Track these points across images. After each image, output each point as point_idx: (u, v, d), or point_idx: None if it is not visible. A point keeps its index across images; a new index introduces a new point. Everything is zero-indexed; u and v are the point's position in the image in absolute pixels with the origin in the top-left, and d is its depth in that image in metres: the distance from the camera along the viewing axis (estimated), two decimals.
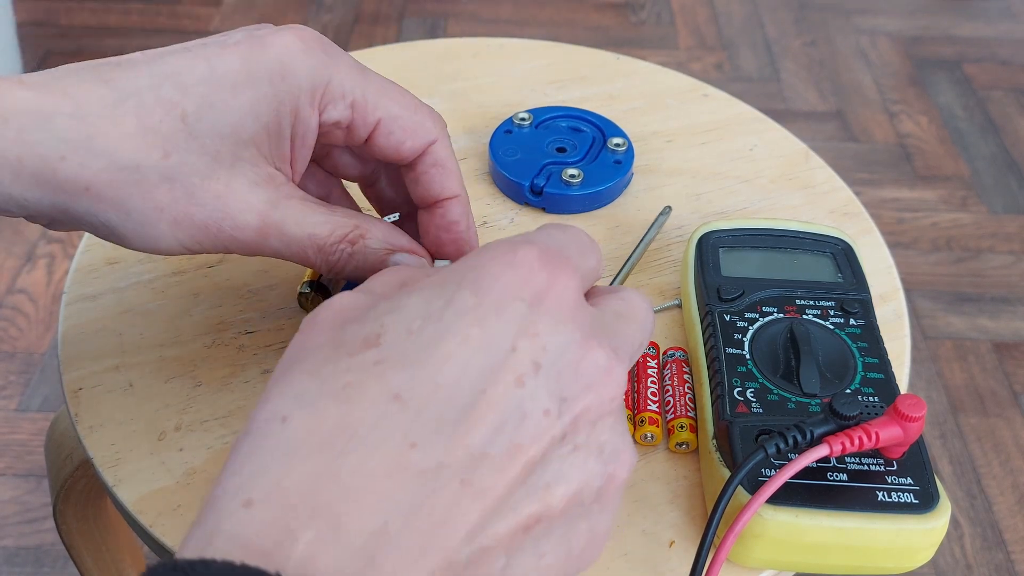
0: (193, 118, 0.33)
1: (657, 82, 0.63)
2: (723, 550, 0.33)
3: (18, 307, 1.24)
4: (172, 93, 0.33)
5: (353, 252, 0.36)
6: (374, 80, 0.36)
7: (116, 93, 0.32)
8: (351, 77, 0.35)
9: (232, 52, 0.34)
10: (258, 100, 0.33)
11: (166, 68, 0.33)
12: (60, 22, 1.75)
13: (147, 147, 0.32)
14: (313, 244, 0.36)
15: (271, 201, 0.35)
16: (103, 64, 0.33)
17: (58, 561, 0.98)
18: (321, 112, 0.35)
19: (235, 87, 0.33)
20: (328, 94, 0.35)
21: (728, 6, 1.88)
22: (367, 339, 0.24)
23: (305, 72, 0.34)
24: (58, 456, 0.49)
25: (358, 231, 0.36)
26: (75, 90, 0.32)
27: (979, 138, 1.57)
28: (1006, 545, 1.03)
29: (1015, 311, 1.29)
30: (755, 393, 0.39)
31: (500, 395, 0.23)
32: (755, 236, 0.46)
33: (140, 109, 0.32)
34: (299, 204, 0.35)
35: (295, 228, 0.35)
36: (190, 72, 0.33)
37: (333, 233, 0.36)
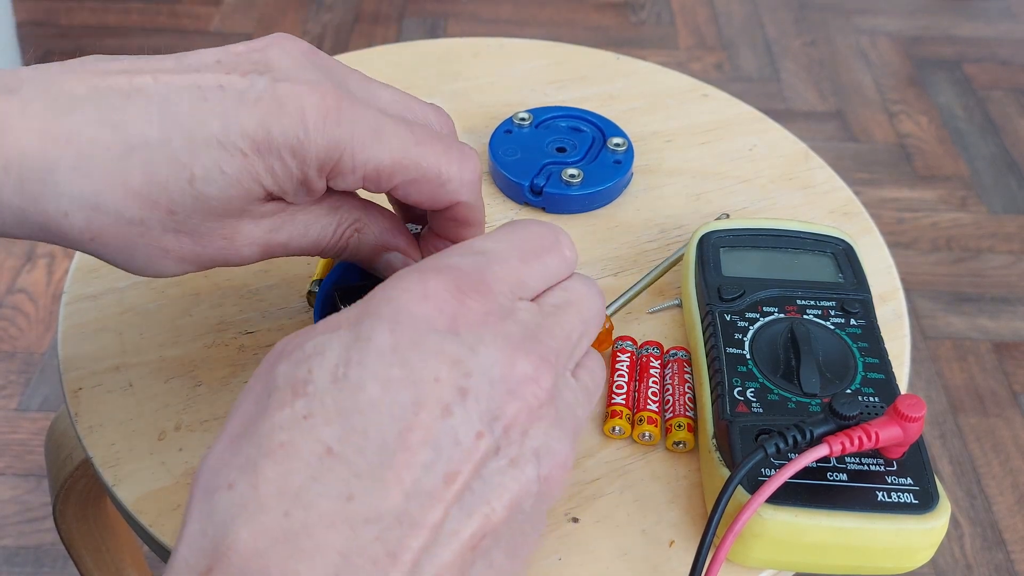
0: (201, 183, 0.32)
1: (657, 82, 0.63)
2: (723, 550, 0.33)
3: (18, 307, 1.24)
4: (181, 152, 0.31)
5: (348, 245, 0.37)
6: (394, 142, 0.33)
7: (123, 144, 0.31)
8: (365, 149, 0.33)
9: (252, 113, 0.31)
10: (269, 169, 0.32)
11: (179, 117, 0.31)
12: (60, 22, 1.75)
13: (153, 205, 0.32)
14: (317, 247, 0.36)
15: (275, 226, 0.35)
16: (112, 93, 0.31)
17: (58, 561, 0.98)
18: (332, 182, 0.34)
19: (246, 155, 0.32)
20: (339, 167, 0.33)
21: (728, 6, 1.88)
22: (295, 386, 0.25)
23: (318, 149, 0.32)
24: (58, 456, 0.49)
25: (356, 226, 0.37)
26: (79, 136, 0.30)
27: (979, 138, 1.57)
28: (1006, 545, 1.03)
29: (1015, 311, 1.29)
30: (755, 393, 0.39)
31: (428, 430, 0.24)
32: (755, 236, 0.46)
33: (148, 166, 0.31)
34: (303, 218, 0.35)
35: (300, 241, 0.36)
36: (203, 128, 0.31)
37: (334, 234, 0.36)
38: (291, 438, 0.24)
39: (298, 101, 0.32)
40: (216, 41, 1.70)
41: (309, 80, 0.33)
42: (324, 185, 0.34)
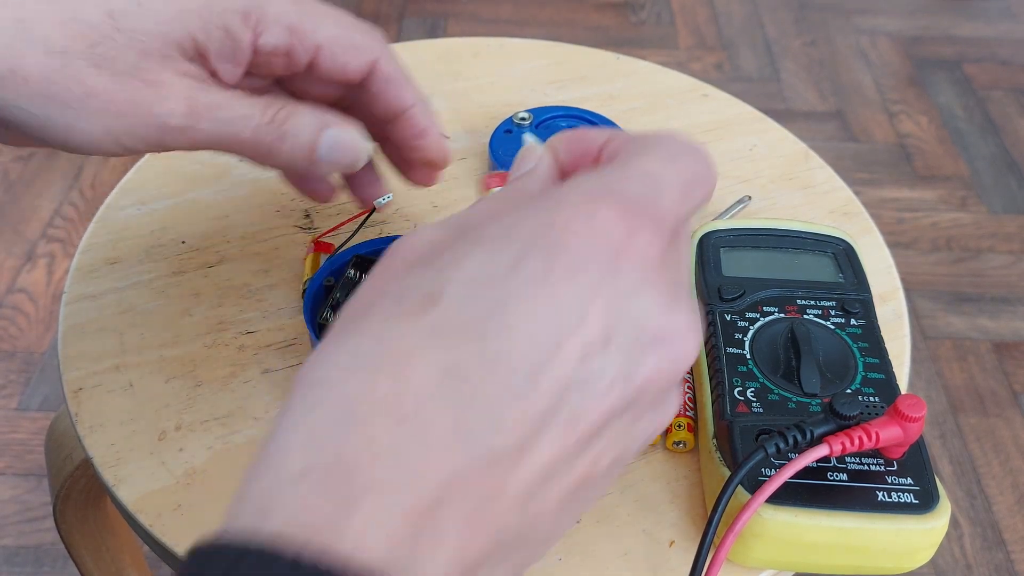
0: (119, 14, 0.33)
1: (657, 82, 0.63)
2: (723, 550, 0.33)
3: (18, 306, 1.24)
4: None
5: (285, 130, 0.36)
6: (309, 5, 0.37)
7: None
8: (286, 2, 0.36)
9: None
10: (186, 9, 0.34)
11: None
12: None
13: (75, 36, 0.32)
14: (248, 125, 0.35)
15: (199, 87, 0.35)
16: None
17: (58, 561, 0.98)
18: (258, 36, 0.35)
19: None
20: (263, 18, 0.35)
21: (728, 6, 1.88)
22: (428, 297, 0.23)
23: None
24: (58, 456, 0.49)
25: (287, 108, 0.36)
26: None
27: (979, 138, 1.57)
28: (1006, 545, 1.03)
29: (1015, 311, 1.29)
30: (755, 393, 0.39)
31: (562, 372, 0.22)
32: (756, 236, 0.46)
33: (70, 5, 0.33)
34: (226, 92, 0.36)
35: (225, 109, 0.35)
36: None
37: (265, 111, 0.36)
38: (415, 347, 0.22)
39: None
40: None
41: None
42: (248, 39, 0.35)
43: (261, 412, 0.41)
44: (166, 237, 0.49)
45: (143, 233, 0.50)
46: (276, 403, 0.42)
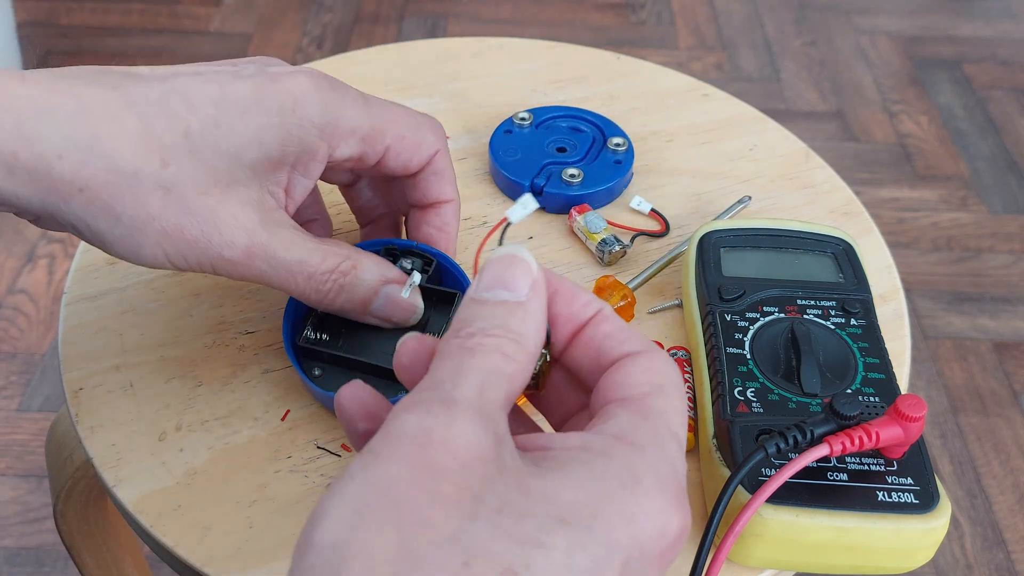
0: (197, 135, 0.33)
1: (657, 82, 0.63)
2: (723, 550, 0.33)
3: (19, 307, 1.24)
4: (180, 108, 0.33)
5: (344, 283, 0.36)
6: (378, 108, 0.37)
7: (123, 99, 0.32)
8: (358, 111, 0.36)
9: (245, 82, 0.34)
10: (265, 128, 0.34)
11: (177, 85, 0.33)
12: (60, 22, 1.75)
13: (147, 154, 0.32)
14: (303, 271, 0.35)
15: (262, 223, 0.34)
16: (112, 71, 0.33)
17: (59, 561, 0.98)
18: (334, 150, 0.36)
19: (244, 113, 0.33)
20: (339, 130, 0.35)
21: (728, 6, 1.88)
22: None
23: (315, 109, 0.35)
24: (59, 456, 0.49)
25: (350, 261, 0.37)
26: (80, 90, 0.32)
27: (979, 138, 1.57)
28: (1006, 545, 1.03)
29: (1015, 311, 1.29)
30: (755, 393, 0.39)
31: None
32: (756, 236, 0.46)
33: (145, 118, 0.32)
34: (289, 231, 0.35)
35: (284, 252, 0.35)
36: (200, 93, 0.33)
37: (325, 261, 0.36)
38: None
39: (293, 77, 0.35)
40: (216, 41, 1.70)
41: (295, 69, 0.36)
42: (325, 153, 0.35)
43: (261, 412, 0.41)
44: None
45: None
46: (276, 403, 0.42)
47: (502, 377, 0.25)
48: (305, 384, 0.40)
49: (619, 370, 0.27)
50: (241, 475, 0.39)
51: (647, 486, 0.24)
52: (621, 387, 0.27)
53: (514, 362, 0.25)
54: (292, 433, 0.41)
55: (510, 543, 0.21)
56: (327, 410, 0.42)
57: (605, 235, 0.49)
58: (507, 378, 0.25)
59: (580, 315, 0.28)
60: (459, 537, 0.21)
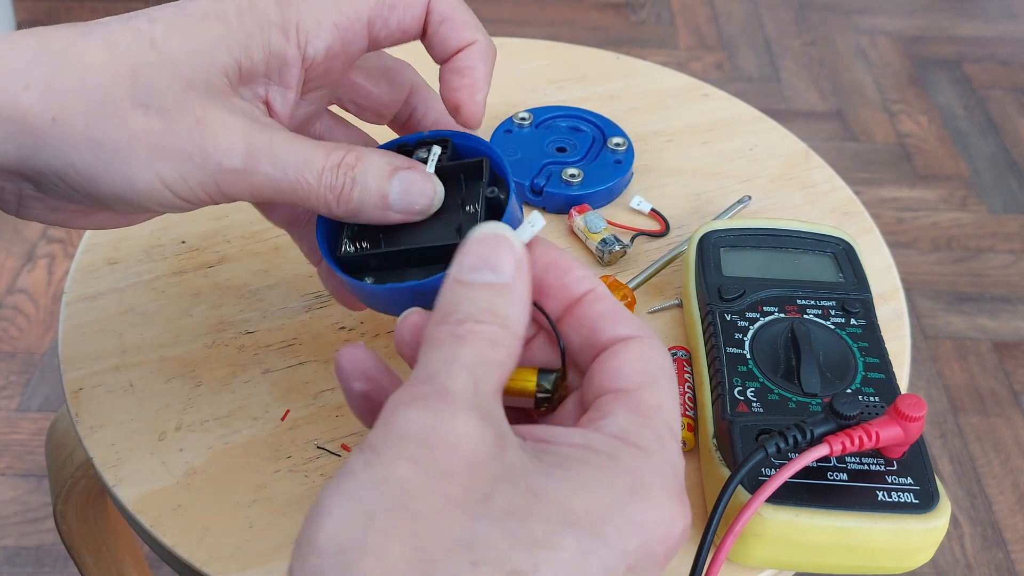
0: (163, 41, 0.30)
1: (657, 82, 0.63)
2: (723, 550, 0.33)
3: (18, 307, 1.24)
4: (140, 22, 0.31)
5: (356, 176, 0.32)
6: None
7: (83, 28, 0.31)
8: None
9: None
10: (227, 32, 0.31)
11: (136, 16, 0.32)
12: (60, 21, 1.75)
13: (115, 69, 0.30)
14: (312, 168, 0.32)
15: (255, 126, 0.31)
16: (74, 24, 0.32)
17: (59, 561, 0.98)
18: (304, 47, 0.32)
19: (205, 18, 0.31)
20: (302, 23, 0.32)
21: (728, 6, 1.88)
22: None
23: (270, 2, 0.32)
24: (58, 456, 0.49)
25: (354, 153, 0.32)
26: (39, 31, 0.30)
27: (979, 138, 1.57)
28: (1006, 544, 1.03)
29: (1015, 311, 1.29)
30: (755, 392, 0.39)
31: None
32: (756, 236, 0.46)
33: (108, 38, 0.30)
34: (284, 131, 0.32)
35: (287, 149, 0.31)
36: (161, 9, 0.31)
37: (330, 155, 0.32)
38: None
39: None
40: None
41: None
42: (296, 54, 0.32)
43: (261, 412, 0.41)
44: (166, 237, 0.49)
45: (143, 233, 0.50)
46: (276, 403, 0.42)
47: (492, 365, 0.25)
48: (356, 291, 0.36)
49: (613, 358, 0.27)
50: (241, 475, 0.39)
51: (653, 490, 0.24)
52: (616, 377, 0.27)
53: (502, 347, 0.25)
54: (292, 433, 0.41)
55: (518, 545, 0.21)
56: (327, 407, 0.42)
57: (605, 235, 0.49)
58: (497, 365, 0.25)
59: (574, 289, 0.28)
60: (467, 539, 0.21)
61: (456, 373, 0.24)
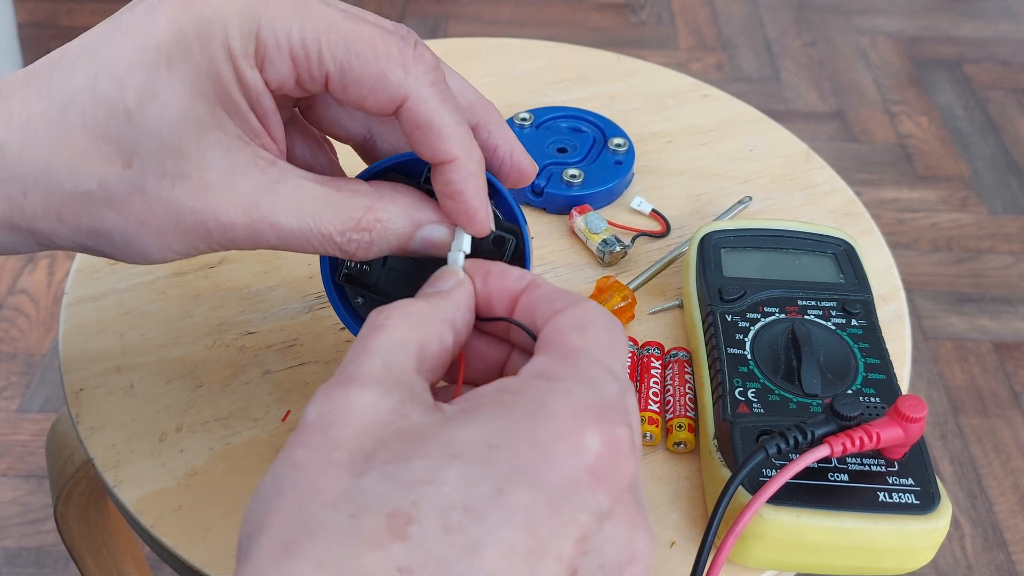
0: (139, 115, 0.28)
1: (657, 82, 0.63)
2: (724, 551, 0.33)
3: (19, 308, 1.24)
4: (109, 88, 0.28)
5: (372, 240, 0.31)
6: (317, 14, 0.28)
7: (56, 104, 0.29)
8: (284, 19, 0.28)
9: (159, 19, 0.28)
10: (196, 74, 0.28)
11: (100, 56, 0.29)
12: (61, 23, 1.75)
13: (105, 160, 0.29)
14: (318, 235, 0.30)
15: (256, 191, 0.30)
16: (42, 65, 0.30)
17: (59, 562, 0.98)
18: (262, 71, 0.29)
19: (170, 64, 0.28)
20: (261, 45, 0.28)
21: (728, 6, 1.88)
22: (394, 519, 0.20)
23: (229, 23, 0.28)
24: (59, 457, 0.49)
25: (372, 214, 0.30)
26: (17, 112, 0.29)
27: (979, 138, 1.57)
28: (1007, 546, 1.03)
29: (1015, 311, 1.29)
30: (756, 393, 0.39)
31: None
32: (756, 236, 0.46)
33: (84, 118, 0.29)
34: (291, 187, 0.30)
35: (291, 220, 0.30)
36: (122, 57, 0.28)
37: (340, 219, 0.30)
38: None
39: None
40: None
41: None
42: (260, 80, 0.29)
43: (261, 413, 0.41)
44: None
45: None
46: (276, 404, 0.42)
47: (408, 344, 0.26)
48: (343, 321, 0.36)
49: (549, 323, 0.28)
50: (241, 476, 0.39)
51: (554, 411, 0.23)
52: (550, 334, 0.27)
53: (420, 329, 0.26)
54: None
55: (396, 487, 0.21)
56: None
57: (606, 235, 0.49)
58: (415, 344, 0.26)
59: (514, 288, 0.29)
60: (347, 494, 0.21)
61: (364, 360, 0.25)
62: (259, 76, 0.29)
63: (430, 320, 0.27)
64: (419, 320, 0.27)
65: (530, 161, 0.34)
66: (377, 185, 0.32)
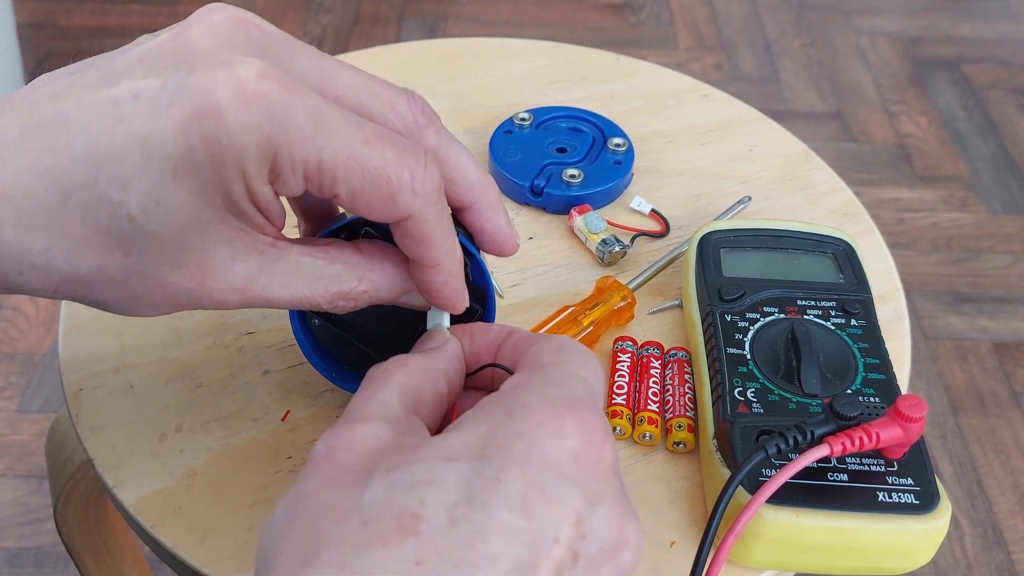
0: (141, 219, 0.29)
1: (657, 82, 0.63)
2: (723, 550, 0.33)
3: (19, 308, 1.24)
4: (111, 190, 0.28)
5: (357, 305, 0.33)
6: (336, 140, 0.29)
7: (56, 191, 0.28)
8: (302, 145, 0.28)
9: (167, 125, 0.28)
10: (204, 187, 0.29)
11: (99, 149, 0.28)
12: (60, 23, 1.75)
13: (104, 250, 0.29)
14: (308, 303, 0.32)
15: (252, 273, 0.31)
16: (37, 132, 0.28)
17: (59, 562, 0.98)
18: (273, 184, 0.30)
19: (176, 176, 0.28)
20: (276, 167, 0.29)
21: (728, 6, 1.88)
22: (403, 519, 0.22)
23: (244, 150, 0.28)
24: (59, 457, 0.49)
25: (361, 286, 0.33)
26: (15, 190, 0.28)
27: (979, 138, 1.57)
28: (1007, 545, 1.03)
29: (1015, 311, 1.29)
30: (756, 393, 0.39)
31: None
32: (756, 236, 0.46)
33: (85, 212, 0.28)
34: (288, 268, 0.31)
35: (282, 293, 0.31)
36: (125, 161, 0.28)
37: (329, 291, 0.32)
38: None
39: (213, 93, 0.27)
40: None
41: (229, 62, 0.28)
42: (271, 192, 0.30)
43: (261, 413, 0.41)
44: None
45: None
46: (276, 404, 0.42)
47: (405, 389, 0.28)
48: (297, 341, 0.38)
49: (524, 355, 0.30)
50: (241, 476, 0.39)
51: (533, 406, 0.26)
52: (524, 361, 0.30)
53: (416, 377, 0.29)
54: (292, 434, 0.41)
55: (401, 490, 0.23)
56: (327, 408, 0.42)
57: (605, 235, 0.49)
58: (412, 389, 0.29)
59: (495, 340, 0.33)
60: (355, 506, 0.23)
61: (365, 406, 0.27)
62: (270, 190, 0.30)
63: (425, 370, 0.30)
64: (415, 370, 0.30)
65: (513, 239, 0.37)
66: (369, 253, 0.33)
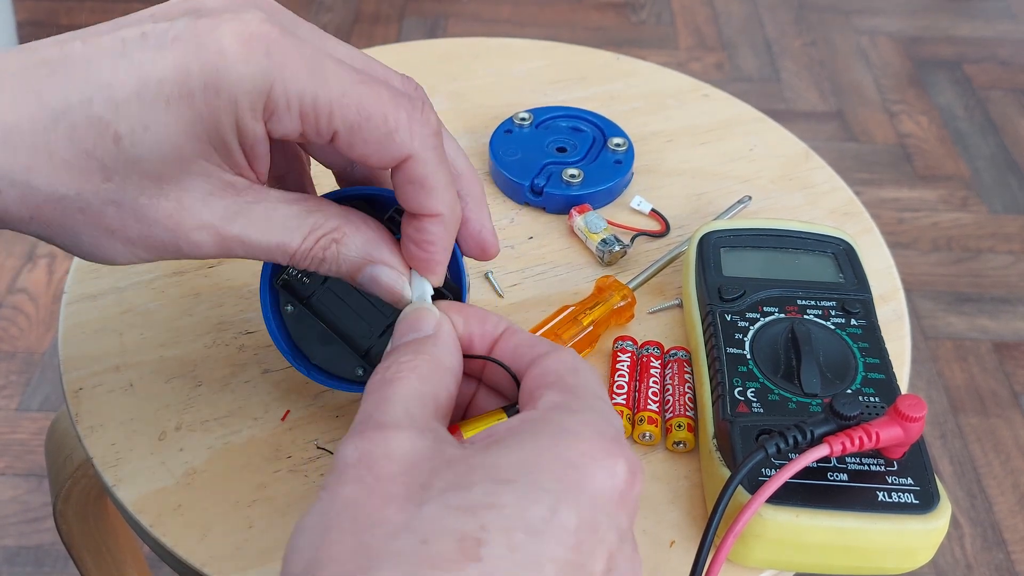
0: (127, 141, 0.29)
1: (657, 82, 0.63)
2: (723, 550, 0.33)
3: (19, 307, 1.24)
4: (103, 111, 0.29)
5: (325, 258, 0.33)
6: (332, 79, 0.30)
7: (47, 112, 0.29)
8: (298, 81, 0.29)
9: (167, 56, 0.29)
10: (194, 118, 0.29)
11: (100, 76, 0.29)
12: (60, 22, 1.75)
13: (85, 173, 0.30)
14: (282, 251, 0.32)
15: (229, 213, 0.31)
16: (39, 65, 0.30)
17: (58, 561, 0.98)
18: (267, 123, 0.30)
19: (168, 103, 0.29)
20: (271, 103, 0.29)
21: (728, 6, 1.88)
22: (465, 543, 0.23)
23: (240, 82, 0.29)
24: (58, 456, 0.49)
25: (332, 236, 0.33)
26: (5, 110, 0.29)
27: (979, 138, 1.57)
28: (1006, 545, 1.03)
29: (1015, 311, 1.29)
30: (756, 393, 0.39)
31: None
32: (756, 236, 0.46)
33: (73, 132, 0.29)
34: (263, 209, 0.32)
35: (259, 237, 0.32)
36: (121, 86, 0.29)
37: (305, 239, 0.32)
38: None
39: (216, 31, 0.29)
40: None
41: (236, 10, 0.29)
42: (263, 131, 0.30)
43: (261, 412, 0.41)
44: None
45: None
46: (276, 403, 0.42)
47: (424, 397, 0.28)
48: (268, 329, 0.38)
49: (537, 366, 0.30)
50: (241, 475, 0.39)
51: (579, 434, 0.26)
52: (544, 374, 0.30)
53: (431, 381, 0.29)
54: (292, 433, 0.41)
55: (460, 513, 0.23)
56: (327, 407, 0.42)
57: (605, 235, 0.49)
58: (430, 396, 0.29)
59: (492, 332, 0.33)
60: (412, 523, 0.23)
61: (387, 409, 0.27)
62: (262, 128, 0.30)
63: (438, 373, 0.30)
64: (428, 373, 0.29)
65: (495, 241, 0.37)
66: (349, 212, 0.34)
